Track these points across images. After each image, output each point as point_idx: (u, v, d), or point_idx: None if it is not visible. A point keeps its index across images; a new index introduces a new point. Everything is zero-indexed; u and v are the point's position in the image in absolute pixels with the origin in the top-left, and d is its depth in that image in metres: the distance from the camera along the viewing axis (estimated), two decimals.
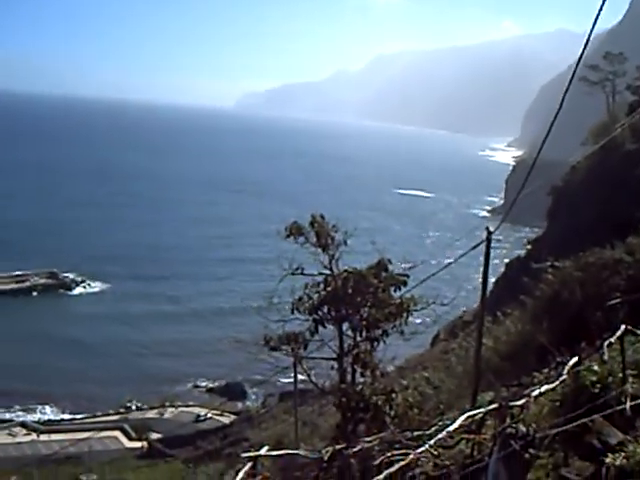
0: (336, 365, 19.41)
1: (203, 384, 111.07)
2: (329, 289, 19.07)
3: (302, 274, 19.73)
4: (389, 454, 10.53)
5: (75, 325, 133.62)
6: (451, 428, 10.10)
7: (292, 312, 19.11)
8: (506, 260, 73.74)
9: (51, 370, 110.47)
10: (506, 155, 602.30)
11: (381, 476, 9.17)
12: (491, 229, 17.23)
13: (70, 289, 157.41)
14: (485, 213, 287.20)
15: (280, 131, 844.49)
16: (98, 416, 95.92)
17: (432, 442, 9.78)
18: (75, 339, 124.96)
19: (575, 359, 13.32)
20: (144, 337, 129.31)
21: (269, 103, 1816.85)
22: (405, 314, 19.10)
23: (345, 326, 19.36)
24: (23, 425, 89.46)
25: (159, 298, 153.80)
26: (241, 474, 13.29)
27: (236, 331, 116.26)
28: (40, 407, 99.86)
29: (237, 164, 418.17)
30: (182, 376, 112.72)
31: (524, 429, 8.99)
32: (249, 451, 21.61)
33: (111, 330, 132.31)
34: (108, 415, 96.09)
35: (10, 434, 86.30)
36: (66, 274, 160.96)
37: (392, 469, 9.26)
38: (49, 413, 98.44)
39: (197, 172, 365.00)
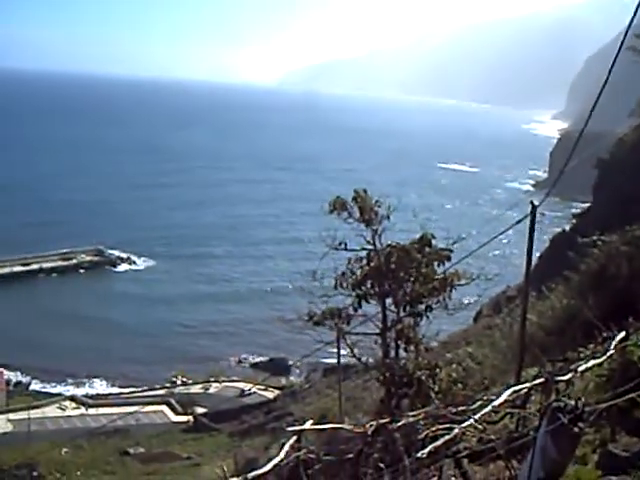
0: (379, 340, 19.41)
1: (247, 359, 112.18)
2: (372, 264, 19.04)
3: (345, 249, 19.70)
4: (434, 428, 10.54)
5: (120, 302, 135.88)
6: (496, 403, 10.06)
7: (335, 287, 19.13)
8: (551, 235, 72.67)
9: (98, 346, 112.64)
10: (550, 128, 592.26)
11: (426, 450, 9.20)
12: (536, 203, 16.99)
13: (115, 266, 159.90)
14: (529, 187, 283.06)
15: (322, 107, 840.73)
16: (145, 390, 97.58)
17: (477, 416, 9.75)
18: (121, 316, 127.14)
19: (622, 334, 13.13)
20: (188, 314, 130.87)
21: (311, 79, 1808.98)
22: (449, 289, 19.00)
23: (388, 301, 19.33)
24: (72, 399, 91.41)
25: (203, 276, 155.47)
26: (286, 447, 13.44)
27: (280, 308, 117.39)
28: (88, 382, 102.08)
29: (281, 141, 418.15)
30: (226, 352, 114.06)
31: (572, 403, 8.91)
32: (293, 425, 21.82)
33: (156, 306, 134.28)
34: (154, 390, 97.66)
35: (60, 408, 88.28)
36: (111, 251, 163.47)
37: (437, 443, 9.27)
38: (97, 387, 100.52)
39: (241, 150, 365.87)
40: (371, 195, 19.67)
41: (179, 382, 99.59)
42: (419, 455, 10.29)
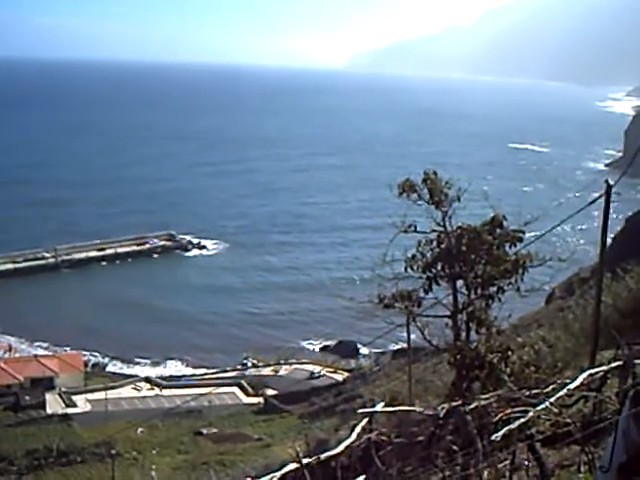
0: (450, 323, 19.24)
1: (317, 342, 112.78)
2: (442, 246, 18.84)
3: (415, 232, 19.56)
4: (507, 411, 10.40)
5: (192, 286, 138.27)
6: (572, 386, 9.87)
7: (405, 270, 19.01)
8: (626, 215, 70.67)
9: (171, 328, 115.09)
10: (625, 105, 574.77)
11: (500, 433, 9.09)
12: (611, 182, 16.57)
13: (186, 250, 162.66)
14: (603, 167, 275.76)
15: (391, 89, 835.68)
16: (217, 373, 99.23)
17: (552, 400, 9.58)
18: (193, 299, 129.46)
19: None
20: (259, 297, 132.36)
21: (379, 60, 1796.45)
22: (521, 271, 18.68)
23: (459, 283, 19.13)
24: (147, 380, 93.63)
25: (272, 261, 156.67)
26: (357, 429, 13.47)
27: (349, 292, 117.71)
28: (162, 364, 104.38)
29: (354, 124, 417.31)
30: (296, 334, 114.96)
31: None
32: (364, 408, 21.90)
33: (226, 290, 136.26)
34: (226, 372, 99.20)
35: (135, 388, 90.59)
36: (183, 236, 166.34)
37: (511, 426, 9.14)
38: (171, 369, 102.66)
39: (314, 134, 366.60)
40: (441, 176, 19.50)
41: (250, 364, 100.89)
42: (493, 438, 10.17)
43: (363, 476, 10.14)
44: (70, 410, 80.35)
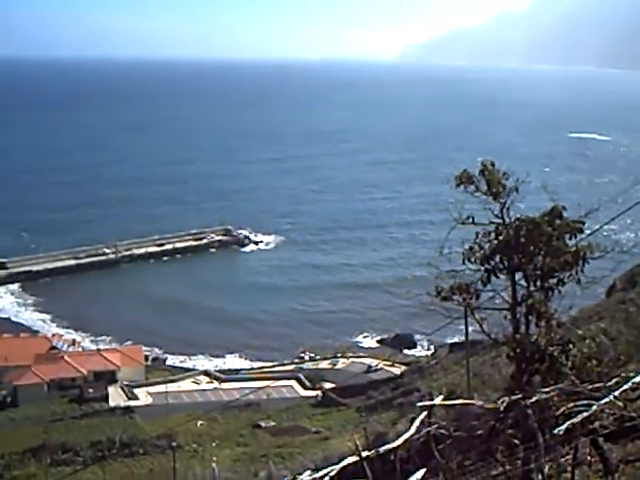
0: (509, 315, 18.97)
1: (374, 335, 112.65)
2: (501, 238, 18.56)
3: (473, 223, 19.33)
4: (570, 405, 10.22)
5: (249, 280, 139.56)
6: (637, 379, 9.65)
7: (463, 262, 18.79)
8: None
9: (229, 322, 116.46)
10: None
11: (562, 427, 8.95)
12: None
13: (243, 245, 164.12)
14: None
15: (447, 80, 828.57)
16: (275, 366, 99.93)
17: (616, 393, 9.39)
18: (250, 294, 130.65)
19: None
20: (315, 292, 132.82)
21: (433, 51, 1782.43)
22: (581, 262, 18.31)
23: (518, 275, 18.84)
24: (206, 374, 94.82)
25: (329, 255, 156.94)
26: (417, 422, 13.42)
27: (405, 287, 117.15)
28: (221, 357, 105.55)
29: (415, 116, 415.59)
30: (353, 328, 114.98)
31: None
32: (421, 401, 21.81)
33: (282, 285, 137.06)
34: (284, 365, 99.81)
35: (195, 382, 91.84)
36: (240, 231, 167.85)
37: (574, 420, 8.98)
38: (229, 363, 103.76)
39: (374, 126, 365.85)
40: (499, 167, 19.24)
41: (307, 358, 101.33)
42: (555, 432, 10.01)
43: (424, 469, 10.09)
44: (132, 403, 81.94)
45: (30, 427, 71.81)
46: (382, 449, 12.65)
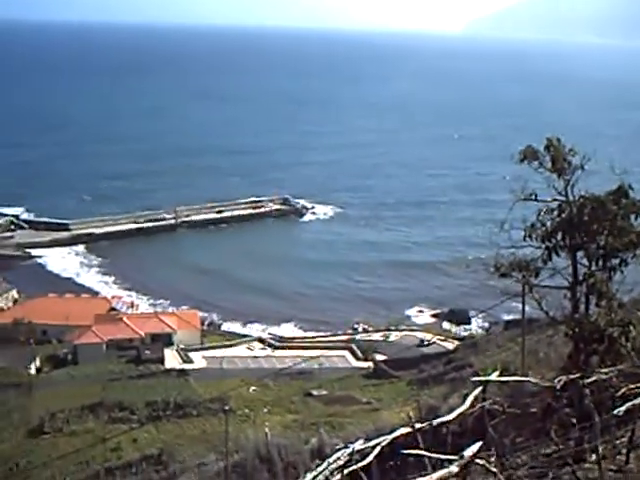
0: (569, 294, 18.70)
1: (427, 310, 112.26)
2: (564, 216, 18.24)
3: (535, 200, 19.04)
4: (632, 386, 10.08)
5: (306, 249, 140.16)
6: None
7: (524, 239, 18.54)
8: None
9: (284, 291, 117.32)
10: None
11: (622, 408, 8.84)
12: None
13: (301, 215, 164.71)
14: None
15: (513, 53, 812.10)
16: (328, 336, 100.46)
17: None
18: (306, 263, 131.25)
19: None
20: (371, 263, 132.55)
21: (498, 24, 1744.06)
22: None
23: (580, 254, 18.52)
24: (260, 340, 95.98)
25: (387, 227, 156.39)
26: (471, 397, 13.40)
27: (462, 258, 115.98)
28: (275, 324, 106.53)
29: (479, 91, 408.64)
30: (407, 303, 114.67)
31: None
32: (475, 376, 21.69)
33: (337, 255, 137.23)
34: (337, 335, 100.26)
35: (249, 348, 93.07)
36: (297, 200, 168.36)
37: (636, 401, 8.86)
38: (283, 330, 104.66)
39: (429, 99, 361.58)
40: (564, 143, 18.84)
41: (361, 329, 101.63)
42: (615, 413, 9.90)
43: (480, 443, 10.09)
44: (187, 366, 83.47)
45: (89, 385, 73.89)
46: (435, 422, 12.70)
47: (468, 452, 9.78)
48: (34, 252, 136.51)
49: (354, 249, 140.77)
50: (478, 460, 9.94)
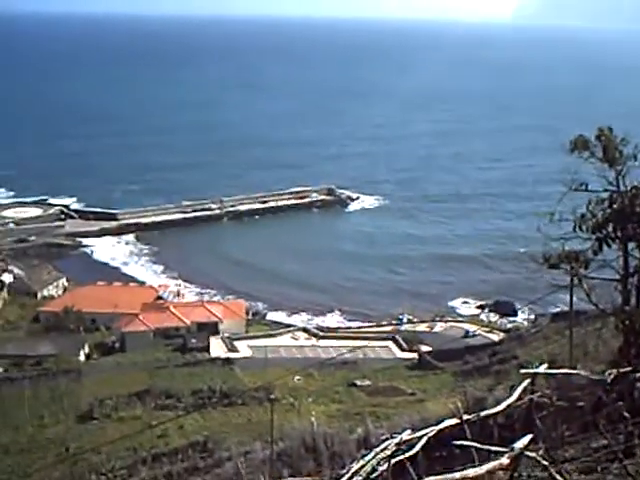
0: (619, 286, 18.41)
1: (473, 300, 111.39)
2: (615, 207, 17.98)
3: (586, 190, 18.77)
4: None
5: (350, 240, 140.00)
6: None
7: (574, 230, 18.29)
8: None
9: (328, 281, 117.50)
10: None
11: None
12: None
13: (345, 205, 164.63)
14: None
15: (564, 40, 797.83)
16: (372, 326, 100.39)
17: None
18: (350, 253, 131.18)
19: None
20: (414, 252, 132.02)
21: (548, 11, 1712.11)
22: None
23: (631, 246, 18.21)
24: (305, 330, 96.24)
25: (431, 219, 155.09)
26: (519, 389, 13.31)
27: (509, 258, 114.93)
28: (319, 314, 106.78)
29: (530, 79, 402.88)
30: (452, 292, 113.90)
31: None
32: (521, 369, 21.48)
33: (381, 247, 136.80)
34: (381, 326, 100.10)
35: (293, 337, 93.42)
36: (342, 191, 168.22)
37: None
38: (328, 320, 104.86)
39: (480, 89, 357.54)
40: (616, 134, 18.51)
41: (405, 320, 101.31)
42: None
43: (530, 435, 10.00)
44: (232, 355, 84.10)
45: (136, 372, 75.06)
46: (483, 413, 12.64)
47: (518, 444, 9.71)
48: (83, 241, 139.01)
49: (398, 241, 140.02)
50: (528, 453, 9.87)
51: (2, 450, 56.82)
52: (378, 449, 11.27)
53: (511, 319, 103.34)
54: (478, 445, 10.93)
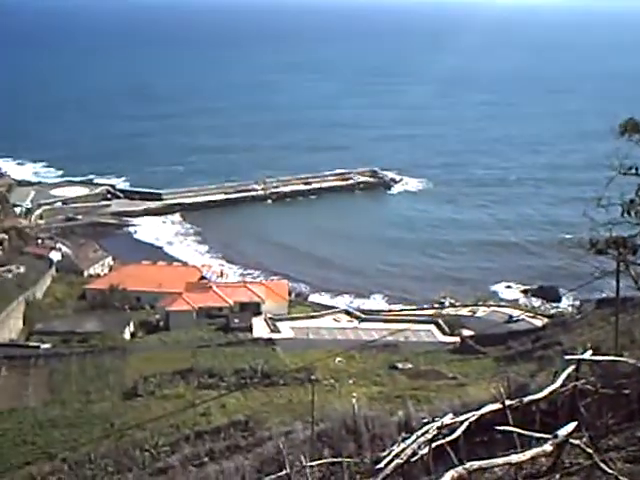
0: None
1: (517, 285, 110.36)
2: None
3: (636, 174, 18.39)
4: None
5: (393, 222, 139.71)
6: None
7: (622, 215, 17.97)
8: None
9: (371, 263, 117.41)
10: None
11: None
12: None
13: (389, 187, 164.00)
14: None
15: (618, 22, 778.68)
16: (414, 309, 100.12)
17: None
18: (393, 235, 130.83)
19: None
20: (458, 238, 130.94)
21: None
22: None
23: None
24: (347, 312, 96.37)
25: (474, 203, 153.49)
26: (563, 376, 13.16)
27: (554, 244, 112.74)
28: (361, 297, 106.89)
29: (580, 62, 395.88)
30: (496, 276, 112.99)
31: None
32: (565, 355, 21.20)
33: (426, 228, 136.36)
34: (423, 309, 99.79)
35: (335, 319, 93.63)
36: (385, 172, 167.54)
37: None
38: (369, 303, 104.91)
39: (538, 72, 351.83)
40: None
41: (447, 304, 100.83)
42: None
43: (574, 423, 9.92)
44: (274, 335, 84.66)
45: (180, 351, 76.07)
46: (526, 399, 12.54)
47: (562, 432, 9.63)
48: (129, 221, 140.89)
49: (440, 225, 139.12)
50: (572, 440, 9.79)
51: (51, 424, 58.12)
52: (419, 433, 11.27)
53: (555, 305, 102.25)
54: (521, 431, 10.86)
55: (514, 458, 9.59)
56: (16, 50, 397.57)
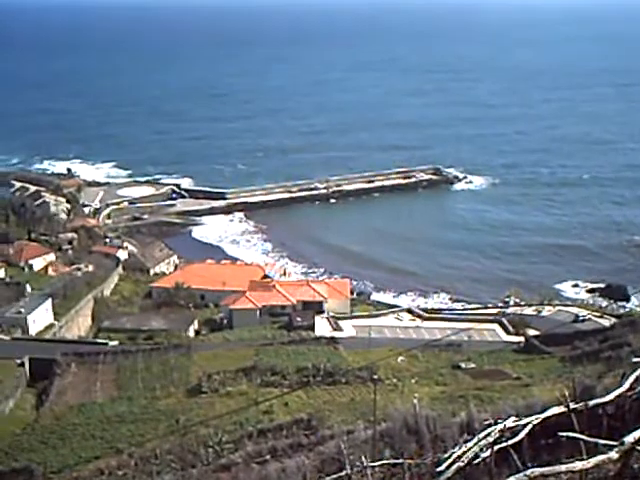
0: None
1: (583, 284, 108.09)
2: None
3: None
4: None
5: (457, 220, 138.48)
6: None
7: None
8: None
9: (433, 261, 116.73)
10: None
11: None
12: None
13: (452, 184, 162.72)
14: None
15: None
16: (478, 308, 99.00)
17: None
18: (457, 234, 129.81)
19: None
20: (523, 236, 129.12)
21: None
22: None
23: None
24: (409, 311, 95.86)
25: (540, 201, 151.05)
26: (631, 378, 12.80)
27: (624, 235, 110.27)
28: (424, 296, 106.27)
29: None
30: (562, 275, 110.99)
31: None
32: (633, 356, 20.63)
33: (490, 226, 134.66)
34: (487, 308, 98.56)
35: (397, 318, 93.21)
36: (448, 170, 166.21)
37: None
38: (432, 302, 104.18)
39: (603, 66, 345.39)
40: None
41: (512, 303, 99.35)
42: None
43: None
44: (336, 334, 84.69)
45: (243, 348, 76.79)
46: (592, 403, 12.24)
47: (629, 438, 9.35)
48: (193, 220, 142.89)
49: (503, 226, 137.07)
50: None
51: (119, 419, 59.36)
52: (481, 435, 11.12)
53: (623, 304, 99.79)
54: (586, 438, 10.60)
55: (578, 465, 9.35)
56: (99, 55, 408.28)
